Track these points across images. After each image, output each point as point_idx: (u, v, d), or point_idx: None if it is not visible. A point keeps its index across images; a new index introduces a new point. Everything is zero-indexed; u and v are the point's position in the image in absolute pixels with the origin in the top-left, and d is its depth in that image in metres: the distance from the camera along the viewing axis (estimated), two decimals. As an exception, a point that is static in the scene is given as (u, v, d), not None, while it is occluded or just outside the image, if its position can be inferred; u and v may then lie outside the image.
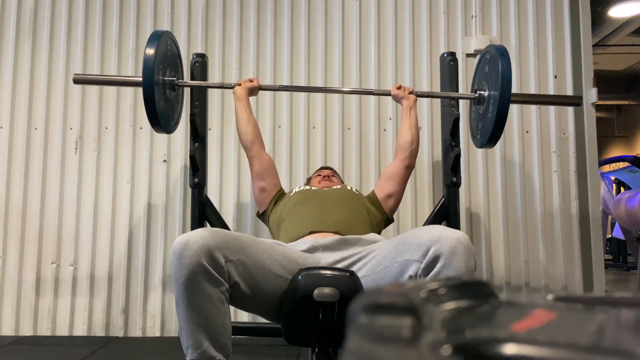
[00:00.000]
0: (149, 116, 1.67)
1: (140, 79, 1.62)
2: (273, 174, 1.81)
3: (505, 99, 1.61)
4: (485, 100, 1.78)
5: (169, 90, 1.80)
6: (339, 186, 1.83)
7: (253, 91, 1.89)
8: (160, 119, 1.69)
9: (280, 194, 1.79)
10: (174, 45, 1.87)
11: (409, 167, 1.81)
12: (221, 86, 1.98)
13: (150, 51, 1.62)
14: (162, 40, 1.68)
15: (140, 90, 2.50)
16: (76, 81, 1.88)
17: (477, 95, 1.84)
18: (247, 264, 1.23)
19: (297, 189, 1.80)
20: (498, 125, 1.66)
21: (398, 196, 1.80)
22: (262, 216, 1.81)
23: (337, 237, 1.46)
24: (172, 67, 1.83)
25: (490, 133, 1.70)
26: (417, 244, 1.22)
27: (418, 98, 2.45)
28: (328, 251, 1.42)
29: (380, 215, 1.74)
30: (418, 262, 1.20)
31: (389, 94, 1.91)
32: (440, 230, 1.21)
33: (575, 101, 2.03)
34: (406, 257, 1.23)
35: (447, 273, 1.15)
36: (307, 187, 1.81)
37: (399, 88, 1.89)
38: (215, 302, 1.17)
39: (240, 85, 1.86)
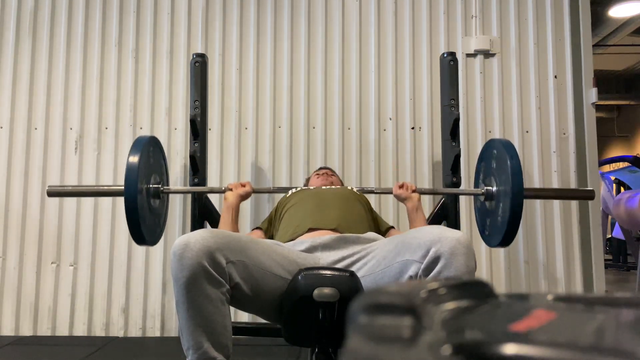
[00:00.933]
0: (132, 233, 1.53)
1: (122, 187, 1.50)
2: (256, 235, 1.70)
3: (518, 201, 1.52)
4: (495, 196, 1.69)
5: (154, 198, 1.68)
6: (338, 185, 1.83)
7: (245, 197, 1.79)
8: (145, 234, 1.55)
9: (268, 225, 1.74)
10: (159, 149, 1.77)
11: None
12: (211, 191, 1.86)
13: (134, 160, 1.50)
14: (145, 147, 1.58)
15: (141, 89, 2.50)
16: (50, 194, 1.75)
17: (484, 191, 1.74)
18: (248, 264, 1.23)
19: (293, 190, 1.80)
20: (511, 228, 1.57)
21: None
22: (266, 236, 1.77)
23: (335, 235, 1.46)
24: (156, 172, 1.72)
25: (504, 236, 1.60)
26: (417, 245, 1.21)
27: (417, 90, 2.47)
28: (327, 250, 1.42)
29: (376, 226, 1.73)
30: (418, 263, 1.20)
31: (391, 192, 1.82)
32: (440, 231, 1.21)
33: (587, 195, 1.94)
34: (406, 257, 1.23)
35: (447, 273, 1.15)
36: (305, 188, 1.81)
37: (401, 187, 1.79)
38: (216, 303, 1.17)
39: (231, 190, 1.76)
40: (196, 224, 1.95)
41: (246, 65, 2.48)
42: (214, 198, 2.22)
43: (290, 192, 1.80)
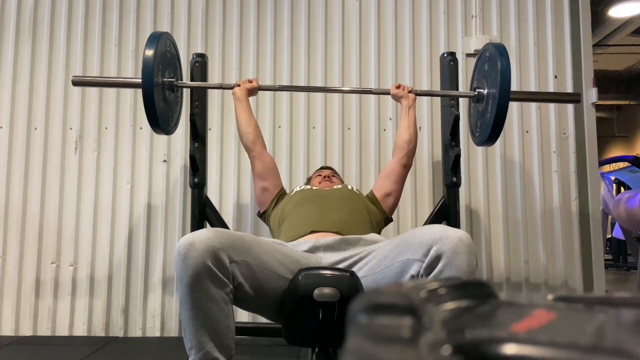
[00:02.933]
0: (149, 117, 1.68)
1: (140, 80, 1.62)
2: (274, 174, 1.82)
3: (505, 96, 1.61)
4: (485, 98, 1.79)
5: (168, 91, 1.80)
6: (339, 186, 1.83)
7: (252, 92, 1.89)
8: (160, 120, 1.69)
9: (282, 194, 1.79)
10: (173, 46, 1.87)
11: (407, 167, 1.81)
12: (220, 87, 1.98)
13: (150, 52, 1.62)
14: (161, 41, 1.68)
15: (140, 91, 2.51)
16: (75, 83, 1.88)
17: (476, 93, 1.84)
18: (251, 264, 1.23)
19: (297, 189, 1.80)
20: (497, 122, 1.66)
21: (396, 195, 1.80)
22: (263, 215, 1.81)
23: (338, 236, 1.46)
24: (171, 68, 1.82)
25: (490, 131, 1.70)
26: (418, 244, 1.21)
27: (418, 97, 2.47)
28: (329, 251, 1.42)
29: (380, 215, 1.74)
30: (419, 262, 1.20)
31: (389, 93, 1.92)
32: (442, 230, 1.21)
33: (573, 98, 2.03)
34: (407, 256, 1.23)
35: (449, 272, 1.15)
36: (308, 187, 1.81)
37: (398, 87, 1.89)
38: (220, 304, 1.17)
39: (239, 86, 1.86)
40: (196, 224, 1.95)
41: (246, 65, 2.48)
42: (214, 198, 2.22)
43: (294, 190, 1.80)
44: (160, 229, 2.38)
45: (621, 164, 4.70)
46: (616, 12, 4.68)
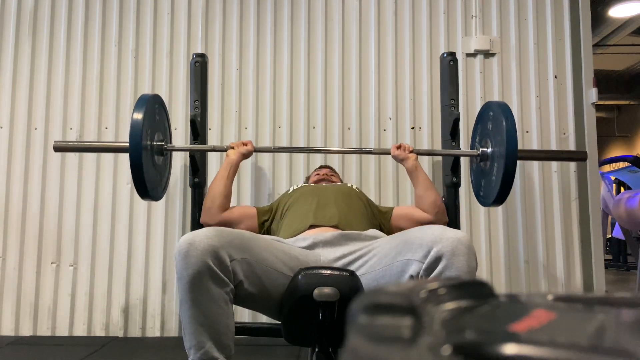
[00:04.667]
0: (137, 185, 1.58)
1: (127, 144, 1.53)
2: (243, 212, 1.74)
3: (512, 158, 1.55)
4: (489, 157, 1.74)
5: (157, 155, 1.72)
6: (338, 183, 1.83)
7: (247, 155, 1.80)
8: (149, 187, 1.60)
9: (266, 212, 1.74)
10: (163, 108, 1.80)
11: (446, 223, 1.75)
12: (213, 149, 1.87)
13: (138, 116, 1.53)
14: (150, 103, 1.61)
15: (141, 89, 2.51)
16: (57, 149, 1.76)
17: (479, 152, 1.78)
18: (251, 262, 1.23)
19: (295, 187, 1.80)
20: (504, 186, 1.61)
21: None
22: (263, 232, 1.78)
23: (337, 232, 1.46)
24: (160, 131, 1.75)
25: (497, 194, 1.64)
26: (418, 244, 1.22)
27: (418, 94, 2.47)
28: (328, 247, 1.42)
29: (377, 222, 1.73)
30: (419, 263, 1.20)
31: (389, 153, 1.85)
32: (442, 231, 1.21)
33: (580, 156, 1.96)
34: (407, 256, 1.23)
35: (449, 273, 1.15)
36: (306, 184, 1.81)
37: (398, 147, 1.81)
38: (220, 303, 1.17)
39: (233, 148, 1.78)
40: (196, 224, 1.95)
41: (246, 65, 2.48)
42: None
43: (291, 188, 1.80)
44: (160, 229, 2.38)
45: (621, 164, 4.70)
46: (616, 12, 4.67)
